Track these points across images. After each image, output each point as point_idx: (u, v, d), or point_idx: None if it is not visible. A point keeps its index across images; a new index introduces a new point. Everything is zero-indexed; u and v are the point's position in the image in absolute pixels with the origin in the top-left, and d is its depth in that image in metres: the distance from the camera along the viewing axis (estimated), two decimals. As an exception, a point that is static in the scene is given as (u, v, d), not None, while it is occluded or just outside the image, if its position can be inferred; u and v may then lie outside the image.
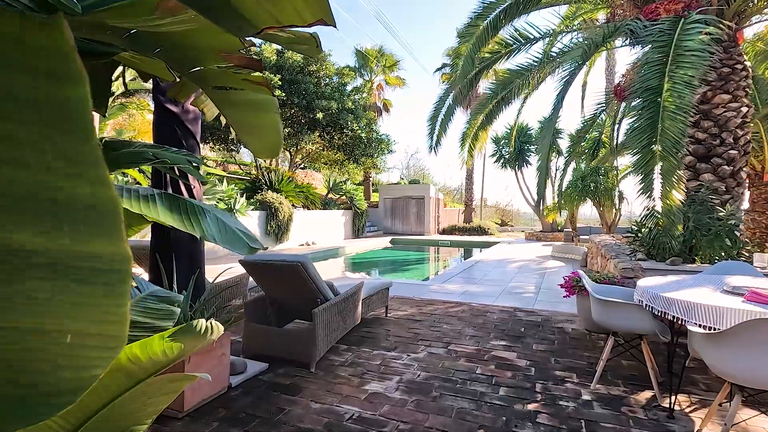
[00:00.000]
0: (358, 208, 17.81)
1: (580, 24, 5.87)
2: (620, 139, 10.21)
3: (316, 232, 15.10)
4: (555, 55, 6.33)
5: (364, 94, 17.86)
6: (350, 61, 22.51)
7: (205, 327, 0.87)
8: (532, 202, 19.04)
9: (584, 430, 2.41)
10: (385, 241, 17.02)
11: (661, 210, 4.08)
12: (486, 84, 8.71)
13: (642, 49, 5.79)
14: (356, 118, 15.37)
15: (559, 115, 5.11)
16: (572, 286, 4.36)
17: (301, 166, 21.36)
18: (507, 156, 19.04)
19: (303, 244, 14.05)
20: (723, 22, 4.67)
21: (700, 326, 2.33)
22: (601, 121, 11.01)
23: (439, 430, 2.42)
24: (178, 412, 2.49)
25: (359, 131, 15.53)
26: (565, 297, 4.53)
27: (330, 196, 17.96)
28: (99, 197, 0.44)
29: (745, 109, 5.21)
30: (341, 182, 18.78)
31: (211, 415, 2.55)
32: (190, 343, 0.84)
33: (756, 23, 5.47)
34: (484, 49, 5.98)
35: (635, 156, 4.24)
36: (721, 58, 5.05)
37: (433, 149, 7.92)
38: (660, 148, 4.06)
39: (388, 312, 4.97)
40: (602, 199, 9.61)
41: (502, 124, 26.32)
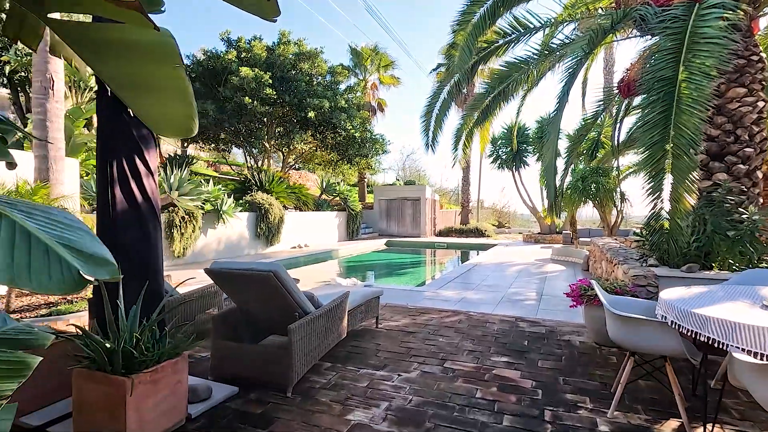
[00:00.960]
0: (353, 210, 17.39)
1: (584, 13, 5.52)
2: (621, 138, 9.89)
3: (309, 235, 14.66)
4: (556, 46, 5.96)
5: (358, 93, 17.46)
6: (345, 59, 22.12)
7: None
8: (530, 203, 18.72)
9: (606, 475, 2.02)
10: (380, 244, 16.61)
11: (670, 213, 3.70)
12: (482, 82, 8.36)
13: (650, 40, 5.44)
14: (349, 117, 14.97)
15: (565, 106, 4.73)
16: (580, 296, 3.97)
17: (295, 167, 20.93)
18: (504, 157, 18.70)
19: (295, 247, 13.61)
20: (740, 7, 4.32)
21: (744, 351, 1.95)
22: (601, 121, 10.69)
23: (433, 475, 2.02)
24: (120, 454, 2.07)
25: (353, 131, 15.13)
26: (572, 307, 4.14)
27: (323, 197, 17.53)
28: None
29: (761, 104, 4.87)
30: (335, 183, 18.36)
31: (161, 458, 2.14)
32: None
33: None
34: (481, 39, 5.60)
35: (644, 153, 3.86)
36: (736, 49, 4.70)
37: (430, 147, 7.51)
38: (673, 145, 3.69)
39: (379, 322, 4.57)
40: (604, 200, 9.26)
41: (499, 124, 26.08)
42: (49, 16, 0.66)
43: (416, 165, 37.52)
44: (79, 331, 2.18)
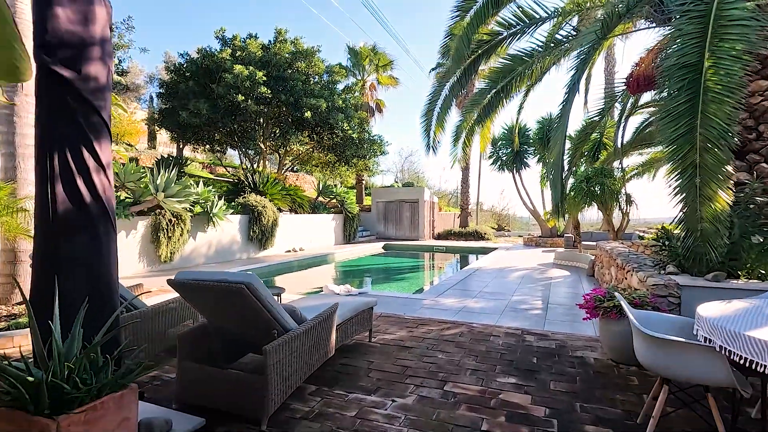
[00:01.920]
0: (350, 212, 16.99)
1: (594, 2, 5.16)
2: (626, 139, 9.53)
3: (304, 238, 14.25)
4: (563, 38, 5.60)
5: (356, 94, 17.10)
6: (342, 59, 21.78)
7: None
8: (531, 205, 18.35)
9: None
10: (377, 247, 16.21)
11: (703, 215, 3.31)
12: (484, 77, 8.00)
13: (660, 30, 5.08)
14: (347, 118, 14.59)
15: (574, 96, 4.36)
16: (594, 307, 3.58)
17: (292, 169, 20.54)
18: (505, 158, 18.34)
19: (289, 251, 13.19)
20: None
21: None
22: (603, 122, 10.32)
23: None
24: None
25: (350, 131, 14.76)
26: (586, 320, 3.75)
27: (320, 199, 17.13)
28: None
29: (786, 98, 4.50)
30: (332, 185, 17.96)
31: None
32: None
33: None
34: (483, 30, 5.24)
35: (669, 147, 3.48)
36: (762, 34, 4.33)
37: (431, 148, 7.11)
38: (701, 137, 3.31)
39: (373, 336, 4.17)
40: (609, 202, 8.87)
41: (500, 124, 25.75)
42: None
43: (415, 167, 37.14)
44: (-3, 360, 1.77)
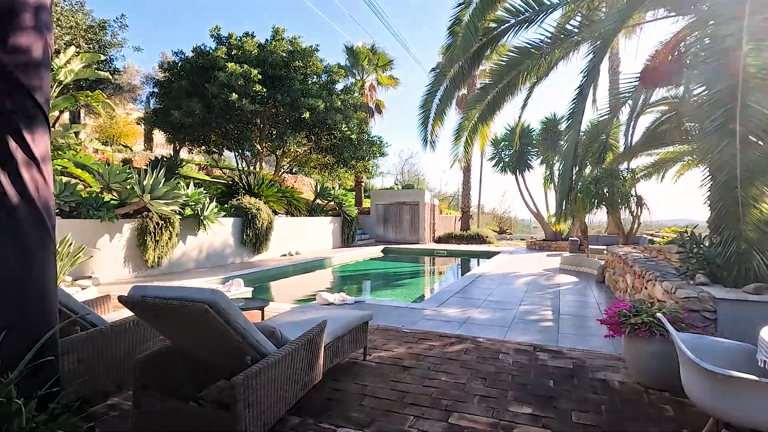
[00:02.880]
0: (348, 215, 16.56)
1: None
2: (636, 138, 9.13)
3: (301, 241, 13.81)
4: (573, 28, 5.19)
5: (355, 94, 16.71)
6: (341, 59, 21.34)
7: None
8: (534, 208, 17.92)
9: None
10: (376, 251, 15.77)
11: (747, 218, 2.89)
12: (487, 72, 7.61)
13: (680, 19, 4.68)
14: (345, 119, 14.19)
15: (593, 81, 3.96)
16: (619, 324, 3.15)
17: (290, 171, 20.14)
18: (507, 159, 17.92)
19: (285, 255, 12.76)
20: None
21: None
22: (609, 124, 9.93)
23: None
24: None
25: (349, 132, 14.36)
26: (608, 337, 3.32)
27: (317, 201, 16.70)
28: None
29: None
30: (330, 187, 17.55)
31: None
32: None
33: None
34: (489, 17, 4.84)
35: (704, 139, 3.07)
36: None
37: (429, 143, 6.69)
38: (741, 128, 2.89)
39: (368, 353, 3.73)
40: (620, 204, 8.44)
41: (502, 125, 25.39)
42: None
43: (415, 169, 36.76)
44: None
